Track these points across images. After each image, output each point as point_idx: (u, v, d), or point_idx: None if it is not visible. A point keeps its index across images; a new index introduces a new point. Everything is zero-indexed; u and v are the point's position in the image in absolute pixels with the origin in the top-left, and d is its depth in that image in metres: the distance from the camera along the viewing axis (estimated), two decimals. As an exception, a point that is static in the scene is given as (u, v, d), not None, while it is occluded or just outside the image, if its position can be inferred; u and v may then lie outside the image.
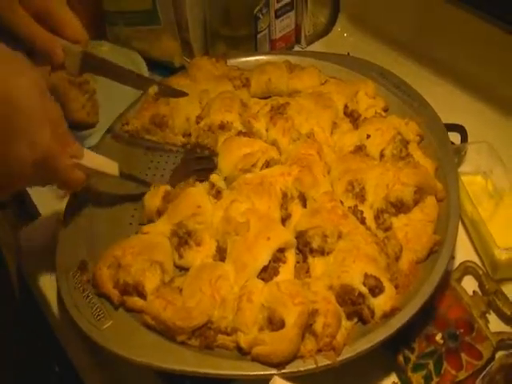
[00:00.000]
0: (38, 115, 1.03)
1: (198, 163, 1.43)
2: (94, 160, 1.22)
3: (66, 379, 1.63)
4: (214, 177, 1.35)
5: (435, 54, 1.78)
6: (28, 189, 1.56)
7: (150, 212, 1.30)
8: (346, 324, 1.08)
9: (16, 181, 1.07)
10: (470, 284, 1.27)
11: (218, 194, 1.29)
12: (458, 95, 1.71)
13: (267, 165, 1.34)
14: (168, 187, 1.33)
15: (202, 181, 1.35)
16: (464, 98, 1.70)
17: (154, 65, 1.90)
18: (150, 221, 1.30)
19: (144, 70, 1.83)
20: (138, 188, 1.36)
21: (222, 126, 1.44)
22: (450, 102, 1.64)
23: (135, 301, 1.15)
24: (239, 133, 1.43)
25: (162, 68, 1.91)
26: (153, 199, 1.31)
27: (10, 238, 1.60)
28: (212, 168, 1.40)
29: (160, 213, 1.29)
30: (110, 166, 1.28)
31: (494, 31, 1.57)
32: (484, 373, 1.13)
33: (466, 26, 1.64)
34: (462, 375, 1.12)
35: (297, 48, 2.00)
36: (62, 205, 1.36)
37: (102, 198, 1.35)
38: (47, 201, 1.53)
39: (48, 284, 1.36)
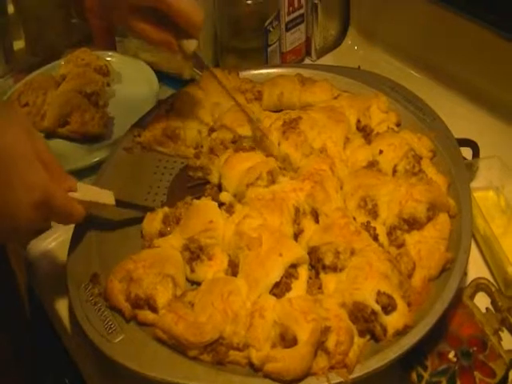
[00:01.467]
0: (31, 159, 1.04)
1: (192, 179, 1.43)
2: (89, 192, 1.22)
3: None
4: (223, 195, 1.34)
5: (446, 68, 1.78)
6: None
7: (151, 236, 1.30)
8: (358, 341, 1.07)
9: (21, 226, 1.07)
10: (482, 301, 1.27)
11: (230, 209, 1.29)
12: (470, 109, 1.71)
13: (271, 174, 1.33)
14: (166, 209, 1.33)
15: (198, 197, 1.35)
16: (476, 113, 1.70)
17: (164, 77, 1.90)
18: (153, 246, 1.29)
19: (155, 82, 1.84)
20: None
21: (234, 141, 1.44)
22: (461, 117, 1.64)
23: (147, 314, 1.14)
24: (237, 149, 1.42)
25: (172, 80, 1.91)
26: (152, 224, 1.31)
27: (19, 249, 1.60)
28: (206, 182, 1.41)
29: (163, 235, 1.29)
30: (105, 196, 1.27)
31: (506, 45, 1.57)
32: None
33: (477, 40, 1.64)
34: (476, 394, 1.12)
35: (307, 61, 2.00)
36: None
37: (114, 210, 1.34)
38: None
39: (59, 296, 1.36)
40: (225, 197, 1.34)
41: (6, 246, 1.75)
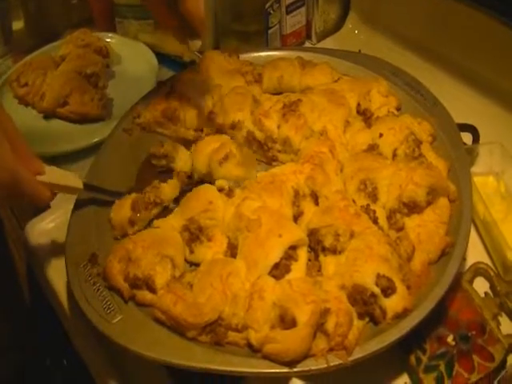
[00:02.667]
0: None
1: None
2: (56, 175, 1.21)
3: (73, 373, 1.62)
4: (220, 182, 1.34)
5: (447, 53, 1.78)
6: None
7: (121, 225, 1.29)
8: (357, 324, 1.07)
9: None
10: (481, 285, 1.27)
11: (230, 193, 1.29)
12: (470, 95, 1.71)
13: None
14: (134, 195, 1.32)
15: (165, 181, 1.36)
16: (476, 98, 1.70)
17: (164, 59, 1.90)
18: (125, 234, 1.29)
19: (154, 64, 1.83)
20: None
21: (233, 126, 1.43)
22: (461, 102, 1.63)
23: (145, 294, 1.14)
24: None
25: (172, 62, 1.91)
26: (120, 212, 1.30)
27: (18, 231, 1.60)
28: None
29: (133, 223, 1.29)
30: (72, 180, 1.26)
31: (509, 32, 1.56)
32: (499, 377, 1.13)
33: (478, 26, 1.64)
34: (475, 377, 1.12)
35: (307, 44, 2.00)
36: (71, 197, 1.36)
37: (112, 191, 1.34)
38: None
39: (57, 276, 1.36)
40: (222, 183, 1.33)
41: (3, 228, 1.75)
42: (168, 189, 1.35)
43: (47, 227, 1.45)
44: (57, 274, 1.36)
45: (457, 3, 1.65)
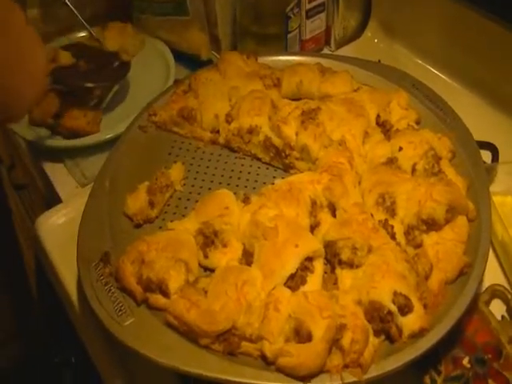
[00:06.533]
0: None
1: None
2: None
3: (82, 371, 1.61)
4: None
5: (467, 68, 1.76)
6: (50, 174, 1.55)
7: (141, 209, 1.29)
8: (373, 341, 1.06)
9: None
10: (498, 307, 1.25)
11: (246, 200, 1.27)
12: (490, 112, 1.69)
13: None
14: (147, 183, 1.33)
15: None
16: (496, 116, 1.68)
17: (181, 57, 1.88)
18: (148, 220, 1.30)
19: (171, 61, 1.83)
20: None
21: (251, 131, 1.42)
22: (481, 119, 1.61)
23: (158, 298, 1.12)
24: None
25: (189, 60, 1.89)
26: (137, 199, 1.30)
27: (28, 223, 1.58)
28: None
29: (153, 204, 1.30)
30: None
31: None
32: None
33: (500, 41, 1.62)
34: (490, 402, 1.11)
35: (326, 51, 1.98)
36: (84, 191, 1.36)
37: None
38: (69, 188, 1.52)
39: (67, 273, 1.34)
40: None
41: (12, 219, 1.75)
42: (174, 172, 1.38)
43: (58, 222, 1.43)
44: (67, 270, 1.34)
45: (479, 17, 1.64)
